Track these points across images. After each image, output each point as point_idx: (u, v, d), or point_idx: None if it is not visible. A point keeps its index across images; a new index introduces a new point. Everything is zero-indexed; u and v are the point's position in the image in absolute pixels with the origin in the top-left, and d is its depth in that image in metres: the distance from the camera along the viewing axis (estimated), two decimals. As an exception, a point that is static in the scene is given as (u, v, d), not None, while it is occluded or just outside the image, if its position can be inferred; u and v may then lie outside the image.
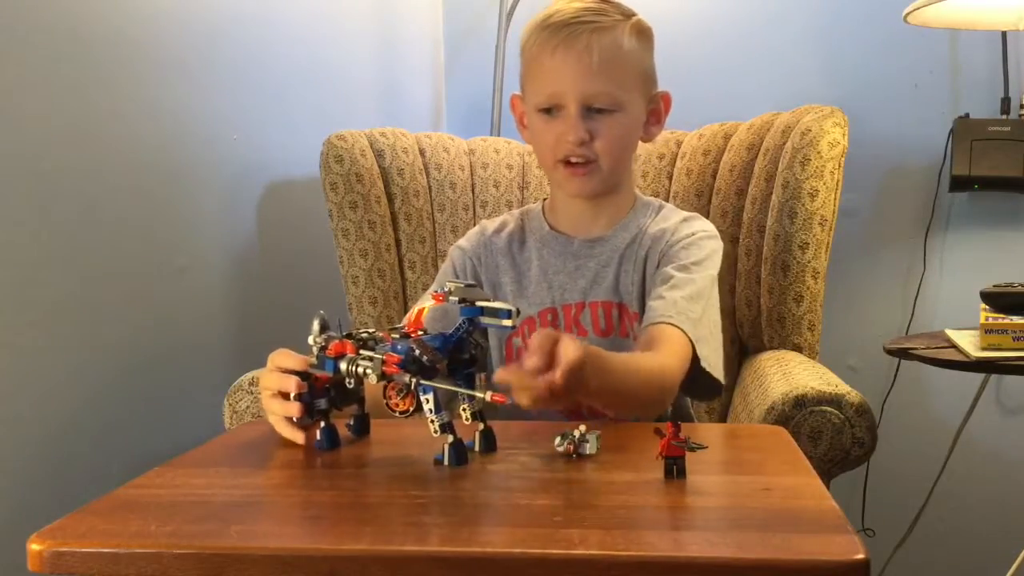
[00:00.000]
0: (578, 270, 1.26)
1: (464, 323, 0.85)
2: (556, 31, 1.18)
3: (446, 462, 0.83)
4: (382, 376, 0.86)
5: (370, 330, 0.94)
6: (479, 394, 0.83)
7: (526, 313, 1.26)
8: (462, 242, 1.34)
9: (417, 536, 0.68)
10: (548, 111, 1.20)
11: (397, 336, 0.88)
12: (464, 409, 0.87)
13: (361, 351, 0.89)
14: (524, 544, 0.65)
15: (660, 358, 1.08)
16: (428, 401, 0.84)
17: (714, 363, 1.15)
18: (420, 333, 0.88)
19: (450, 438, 0.83)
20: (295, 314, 1.79)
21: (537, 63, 1.20)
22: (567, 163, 1.21)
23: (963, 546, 1.91)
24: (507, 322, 0.83)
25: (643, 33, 1.23)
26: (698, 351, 1.11)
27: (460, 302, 0.85)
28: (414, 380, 0.83)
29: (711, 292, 1.21)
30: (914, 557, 1.87)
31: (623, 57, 1.19)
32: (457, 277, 1.29)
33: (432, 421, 0.84)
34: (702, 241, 1.22)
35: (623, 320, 1.24)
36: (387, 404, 0.88)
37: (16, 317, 1.24)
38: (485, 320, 0.84)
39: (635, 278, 1.24)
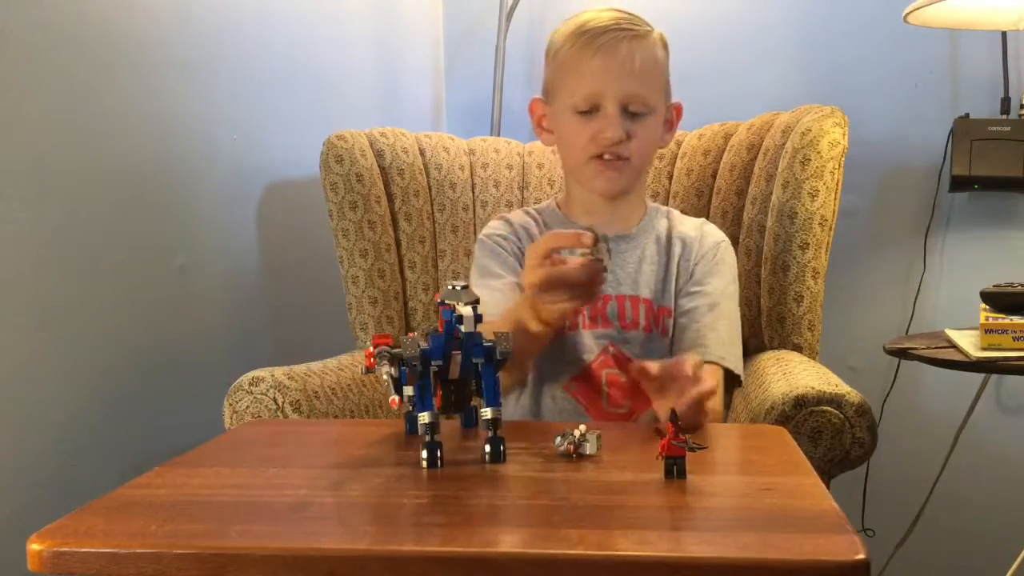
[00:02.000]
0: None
1: (449, 325, 0.86)
2: (596, 36, 1.24)
3: (423, 463, 0.83)
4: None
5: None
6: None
7: None
8: (500, 230, 1.37)
9: (417, 536, 0.68)
10: (585, 112, 1.26)
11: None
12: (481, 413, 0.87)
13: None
14: (524, 544, 0.65)
15: (718, 405, 1.21)
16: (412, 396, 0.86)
17: (742, 368, 1.30)
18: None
19: (427, 438, 0.83)
20: (295, 314, 1.80)
21: (574, 66, 1.26)
22: (599, 158, 1.26)
23: (963, 546, 1.90)
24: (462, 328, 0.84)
25: (666, 46, 1.31)
26: (740, 371, 1.28)
27: (441, 304, 0.86)
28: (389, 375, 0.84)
29: (736, 304, 1.34)
30: (914, 557, 1.87)
31: (656, 65, 1.28)
32: (504, 253, 1.33)
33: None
34: (726, 255, 1.34)
35: (649, 315, 1.30)
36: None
37: (15, 317, 1.24)
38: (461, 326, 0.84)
39: (668, 277, 1.32)
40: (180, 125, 1.51)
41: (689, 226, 1.35)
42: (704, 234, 1.34)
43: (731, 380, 1.28)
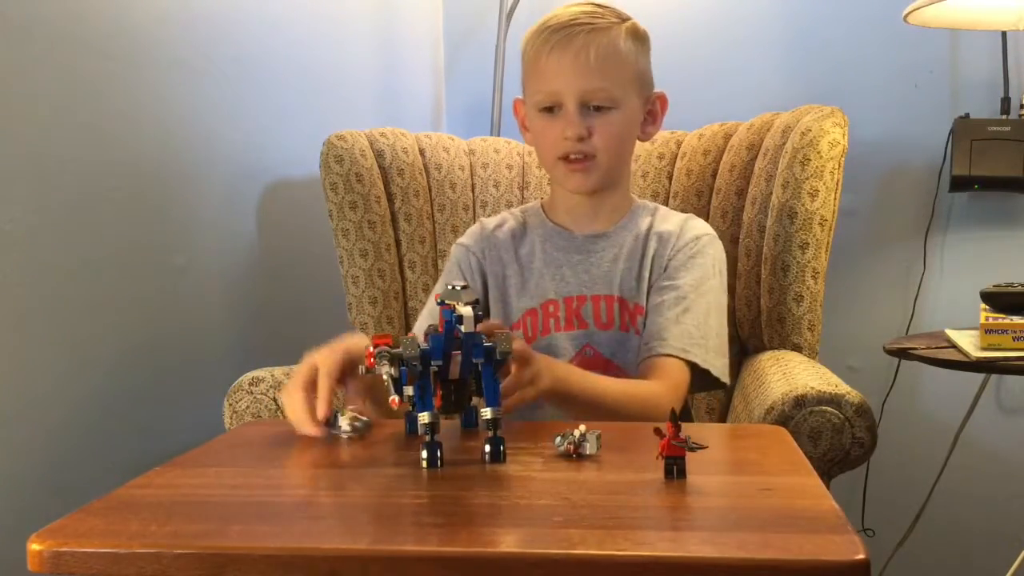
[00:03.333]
0: (580, 264, 1.30)
1: (448, 324, 0.86)
2: (554, 33, 1.23)
3: (423, 463, 0.83)
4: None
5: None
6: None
7: (528, 305, 1.30)
8: (464, 240, 1.38)
9: (417, 536, 0.68)
10: (548, 110, 1.25)
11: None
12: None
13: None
14: (524, 544, 0.65)
15: (650, 387, 1.16)
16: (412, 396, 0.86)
17: (722, 368, 1.23)
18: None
19: (427, 438, 0.83)
20: (295, 314, 1.80)
21: (536, 64, 1.25)
22: (567, 159, 1.25)
23: (963, 546, 1.90)
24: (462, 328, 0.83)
25: (638, 36, 1.27)
26: (711, 366, 1.21)
27: (441, 304, 0.86)
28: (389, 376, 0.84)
29: (719, 299, 1.27)
30: (914, 557, 1.87)
31: (619, 57, 1.24)
32: (462, 274, 1.33)
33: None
34: (707, 249, 1.28)
35: (623, 314, 1.27)
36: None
37: (15, 316, 1.24)
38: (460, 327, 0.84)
39: (641, 275, 1.28)
40: (181, 125, 1.51)
41: (672, 222, 1.31)
42: (685, 229, 1.30)
43: (707, 378, 1.22)
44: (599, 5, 1.27)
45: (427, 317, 1.31)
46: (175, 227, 1.51)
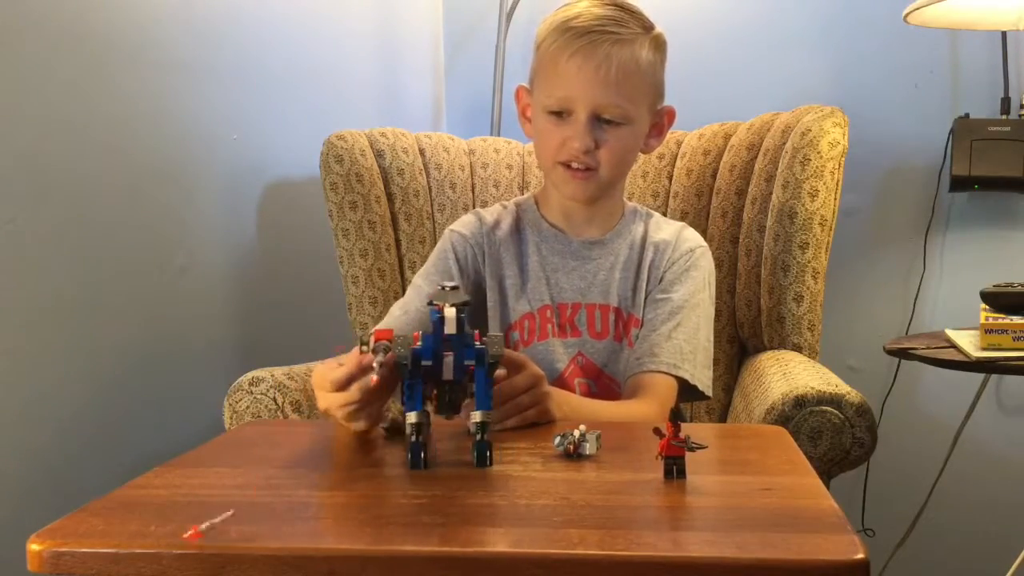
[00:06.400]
0: (576, 271, 1.28)
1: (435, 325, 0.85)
2: (577, 36, 1.18)
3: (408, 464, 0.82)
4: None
5: None
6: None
7: (526, 309, 1.28)
8: (460, 229, 1.33)
9: (417, 536, 0.68)
10: (557, 114, 1.21)
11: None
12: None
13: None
14: (524, 544, 0.65)
15: (642, 409, 1.14)
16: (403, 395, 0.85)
17: (708, 381, 1.23)
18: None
19: (413, 438, 0.83)
20: (295, 314, 1.80)
21: (552, 65, 1.20)
22: (567, 166, 1.22)
23: (963, 546, 1.91)
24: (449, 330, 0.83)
25: (660, 47, 1.24)
26: (698, 381, 1.21)
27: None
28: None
29: (708, 311, 1.27)
30: (914, 557, 1.87)
31: (639, 72, 1.20)
32: (459, 263, 1.30)
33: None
34: (700, 261, 1.28)
35: (618, 324, 1.26)
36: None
37: (16, 317, 1.24)
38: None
39: (638, 285, 1.27)
40: (180, 125, 1.51)
41: (666, 232, 1.30)
42: (680, 240, 1.29)
43: (694, 391, 1.22)
44: (623, 8, 1.22)
45: (400, 307, 1.28)
46: (176, 227, 1.52)
